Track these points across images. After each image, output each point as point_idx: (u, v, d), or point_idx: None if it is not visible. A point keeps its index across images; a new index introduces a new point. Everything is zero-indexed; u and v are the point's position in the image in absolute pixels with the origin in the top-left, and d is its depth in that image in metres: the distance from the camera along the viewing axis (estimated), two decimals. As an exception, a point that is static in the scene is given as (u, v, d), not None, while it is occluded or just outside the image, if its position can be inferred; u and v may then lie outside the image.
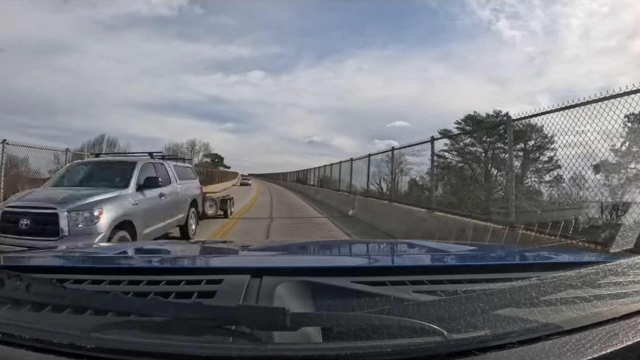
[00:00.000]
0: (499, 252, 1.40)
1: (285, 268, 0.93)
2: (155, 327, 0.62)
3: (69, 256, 1.24)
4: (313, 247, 1.82)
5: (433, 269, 0.97)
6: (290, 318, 0.57)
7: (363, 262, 1.26)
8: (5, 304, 0.72)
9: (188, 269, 0.95)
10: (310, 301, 0.72)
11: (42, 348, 0.60)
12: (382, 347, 0.58)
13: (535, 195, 5.51)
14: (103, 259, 1.23)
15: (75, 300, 0.69)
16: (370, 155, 12.28)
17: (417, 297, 0.73)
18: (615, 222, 3.19)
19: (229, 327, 0.62)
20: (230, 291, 0.75)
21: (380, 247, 1.86)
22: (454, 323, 0.61)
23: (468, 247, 1.61)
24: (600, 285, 0.80)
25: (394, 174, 10.45)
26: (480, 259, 1.28)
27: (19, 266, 1.05)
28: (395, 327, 0.60)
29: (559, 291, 0.71)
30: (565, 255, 1.38)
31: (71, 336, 0.61)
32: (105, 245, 1.73)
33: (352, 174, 14.13)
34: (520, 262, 1.17)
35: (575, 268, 0.77)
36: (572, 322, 0.66)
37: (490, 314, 0.64)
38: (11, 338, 0.62)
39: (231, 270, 0.88)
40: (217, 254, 1.61)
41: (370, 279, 0.81)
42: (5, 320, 0.66)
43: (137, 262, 1.21)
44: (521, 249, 1.80)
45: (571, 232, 3.53)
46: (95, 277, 0.85)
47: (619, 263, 0.83)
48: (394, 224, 8.24)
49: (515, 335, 0.62)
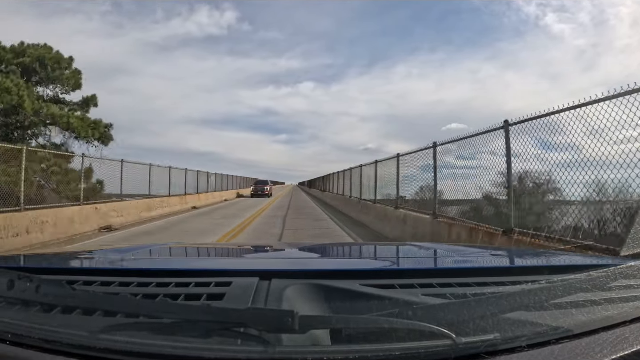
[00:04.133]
0: (508, 255, 1.39)
1: (294, 271, 0.93)
2: (164, 329, 0.62)
3: (78, 258, 1.25)
4: (322, 250, 1.82)
5: (442, 272, 0.96)
6: (298, 321, 0.57)
7: (372, 265, 1.26)
8: (15, 304, 0.73)
9: (197, 271, 0.95)
10: (318, 304, 0.72)
11: (51, 349, 0.61)
12: (390, 350, 0.57)
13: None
14: (112, 260, 1.24)
15: (84, 302, 0.70)
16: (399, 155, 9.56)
17: (426, 300, 0.73)
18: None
19: (237, 329, 0.62)
20: (239, 293, 0.75)
21: (389, 250, 1.86)
22: (462, 326, 0.61)
23: (477, 249, 1.61)
24: (610, 288, 0.79)
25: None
26: (490, 262, 1.27)
27: (29, 267, 1.06)
28: (404, 330, 0.60)
29: (569, 294, 0.70)
30: (575, 258, 1.37)
31: (80, 337, 0.61)
32: (114, 248, 1.74)
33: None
34: (530, 265, 1.16)
35: (585, 271, 0.76)
36: (582, 326, 0.65)
37: (499, 317, 0.64)
38: (21, 339, 0.63)
39: (240, 273, 0.88)
40: (226, 256, 1.62)
41: (379, 282, 0.81)
42: (15, 321, 0.66)
43: (146, 264, 1.22)
44: (530, 251, 1.79)
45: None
46: (105, 279, 0.86)
47: (629, 266, 0.82)
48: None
49: (524, 338, 0.61)
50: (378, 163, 11.63)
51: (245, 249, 1.91)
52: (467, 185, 6.33)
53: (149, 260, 1.33)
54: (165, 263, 1.27)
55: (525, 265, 1.16)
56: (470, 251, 1.49)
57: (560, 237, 3.76)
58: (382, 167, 11.29)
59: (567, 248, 3.25)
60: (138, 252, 1.44)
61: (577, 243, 3.45)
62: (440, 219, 6.77)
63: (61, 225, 8.92)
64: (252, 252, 1.75)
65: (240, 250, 1.92)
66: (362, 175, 13.68)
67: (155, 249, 1.62)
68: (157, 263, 1.28)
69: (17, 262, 1.19)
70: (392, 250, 1.83)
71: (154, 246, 1.77)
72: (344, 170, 17.91)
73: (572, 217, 3.94)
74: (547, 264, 1.18)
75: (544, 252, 1.80)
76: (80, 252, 1.41)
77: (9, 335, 0.63)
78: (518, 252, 1.69)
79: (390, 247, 2.42)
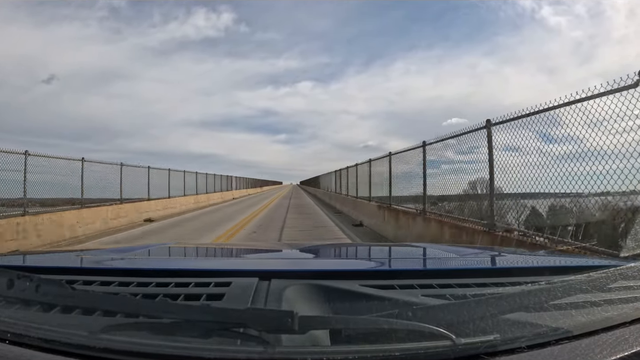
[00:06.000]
0: (508, 256, 1.39)
1: (294, 271, 0.93)
2: (163, 329, 0.62)
3: (78, 257, 1.25)
4: (322, 250, 1.82)
5: (442, 273, 0.96)
6: (298, 321, 0.57)
7: (372, 265, 1.26)
8: (15, 304, 0.73)
9: (197, 271, 0.95)
10: (318, 304, 0.72)
11: (50, 348, 0.61)
12: (390, 351, 0.58)
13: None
14: (112, 260, 1.24)
15: (84, 302, 0.70)
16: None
17: (426, 301, 0.73)
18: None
19: (237, 329, 0.62)
20: (238, 294, 0.76)
21: (389, 250, 1.86)
22: (462, 327, 0.61)
23: (477, 250, 1.60)
24: (610, 289, 0.79)
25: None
26: (489, 263, 1.27)
27: (29, 267, 1.06)
28: (404, 331, 0.60)
29: (569, 295, 0.70)
30: (575, 259, 1.37)
31: (80, 337, 0.61)
32: (114, 247, 1.74)
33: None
34: (530, 266, 1.16)
35: (585, 272, 0.76)
36: (582, 327, 0.65)
37: (499, 319, 0.64)
38: (20, 338, 0.63)
39: (240, 273, 0.88)
40: (226, 256, 1.62)
41: (378, 283, 0.81)
42: (15, 321, 0.66)
43: (146, 264, 1.22)
44: (530, 252, 1.79)
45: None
46: (105, 279, 0.86)
47: (629, 267, 0.82)
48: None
49: (524, 339, 0.61)
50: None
51: (245, 249, 1.92)
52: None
53: (148, 260, 1.33)
54: (165, 263, 1.27)
55: (525, 266, 1.16)
56: (469, 252, 1.49)
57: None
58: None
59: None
60: (138, 252, 1.44)
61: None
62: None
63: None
64: (252, 253, 1.75)
65: (240, 250, 1.92)
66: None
67: (154, 249, 1.62)
68: (157, 263, 1.28)
69: (16, 262, 1.19)
70: (391, 251, 1.83)
71: (153, 246, 1.77)
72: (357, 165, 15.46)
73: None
74: (547, 265, 1.18)
75: (544, 253, 1.80)
76: (80, 252, 1.41)
77: (8, 335, 0.63)
78: (518, 253, 1.69)
79: (389, 247, 2.42)
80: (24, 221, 7.95)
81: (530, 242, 3.99)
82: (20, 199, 8.28)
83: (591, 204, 3.49)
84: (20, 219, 7.92)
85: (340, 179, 18.99)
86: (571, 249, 3.31)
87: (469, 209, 5.92)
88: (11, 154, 8.16)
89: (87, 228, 10.14)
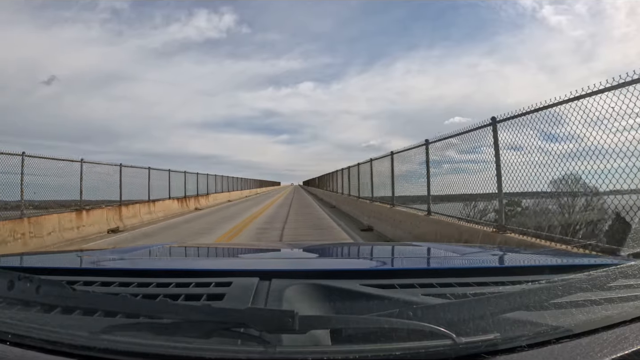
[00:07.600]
0: (508, 255, 1.39)
1: (294, 271, 0.93)
2: (164, 329, 0.62)
3: (78, 258, 1.25)
4: (322, 250, 1.82)
5: (442, 272, 0.96)
6: (299, 321, 0.57)
7: (372, 264, 1.26)
8: (16, 305, 0.73)
9: (197, 272, 0.95)
10: (319, 304, 0.72)
11: (51, 349, 0.61)
12: (391, 350, 0.57)
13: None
14: (113, 261, 1.24)
15: (84, 302, 0.70)
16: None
17: (426, 300, 0.73)
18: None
19: (237, 329, 0.62)
20: (239, 294, 0.76)
21: (389, 250, 1.86)
22: (463, 326, 0.61)
23: (477, 249, 1.60)
24: (610, 288, 0.79)
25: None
26: (490, 262, 1.27)
27: (29, 268, 1.06)
28: (404, 331, 0.60)
29: (569, 294, 0.70)
30: (575, 258, 1.37)
31: (81, 337, 0.61)
32: (114, 248, 1.74)
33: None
34: (530, 265, 1.16)
35: (586, 271, 0.76)
36: (582, 326, 0.65)
37: (499, 317, 0.64)
38: (21, 339, 0.63)
39: (240, 273, 0.88)
40: (226, 256, 1.62)
41: (379, 282, 0.81)
42: (16, 322, 0.66)
43: (147, 264, 1.22)
44: (531, 251, 1.79)
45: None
46: (105, 279, 0.86)
47: (630, 265, 0.82)
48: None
49: (524, 338, 0.61)
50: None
51: (245, 249, 1.91)
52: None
53: (149, 261, 1.33)
54: (165, 263, 1.27)
55: (525, 265, 1.15)
56: (470, 251, 1.49)
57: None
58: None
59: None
60: (138, 252, 1.44)
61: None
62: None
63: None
64: (252, 253, 1.75)
65: (240, 250, 1.92)
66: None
67: (155, 250, 1.62)
68: (157, 263, 1.28)
69: (17, 263, 1.19)
70: (392, 250, 1.83)
71: (154, 246, 1.77)
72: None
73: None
74: (547, 263, 1.18)
75: (544, 251, 1.80)
76: (81, 253, 1.41)
77: (9, 336, 0.63)
78: (518, 251, 1.69)
79: (390, 247, 2.42)
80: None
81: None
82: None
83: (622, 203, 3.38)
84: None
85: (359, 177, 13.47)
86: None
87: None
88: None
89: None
